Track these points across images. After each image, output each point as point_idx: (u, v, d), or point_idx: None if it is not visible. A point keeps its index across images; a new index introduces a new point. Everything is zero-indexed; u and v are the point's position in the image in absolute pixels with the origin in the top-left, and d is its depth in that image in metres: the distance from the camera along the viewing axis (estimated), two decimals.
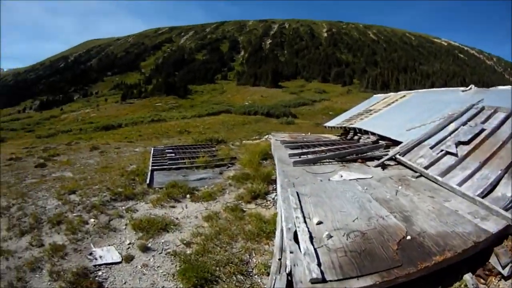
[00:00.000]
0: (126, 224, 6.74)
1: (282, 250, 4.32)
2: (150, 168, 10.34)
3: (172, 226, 6.41)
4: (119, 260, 5.40)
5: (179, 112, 51.24)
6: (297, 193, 5.63)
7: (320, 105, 56.75)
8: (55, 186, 9.93)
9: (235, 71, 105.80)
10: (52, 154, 15.92)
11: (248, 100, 62.64)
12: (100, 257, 5.47)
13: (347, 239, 4.04)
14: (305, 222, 4.46)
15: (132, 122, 35.85)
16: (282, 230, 4.60)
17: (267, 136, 17.57)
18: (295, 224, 4.38)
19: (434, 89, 17.19)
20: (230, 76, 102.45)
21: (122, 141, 20.57)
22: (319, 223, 4.47)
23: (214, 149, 14.03)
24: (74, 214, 7.33)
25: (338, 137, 14.07)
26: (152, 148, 14.40)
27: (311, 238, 4.02)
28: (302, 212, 4.81)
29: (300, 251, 3.74)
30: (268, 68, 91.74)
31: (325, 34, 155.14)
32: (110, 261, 5.35)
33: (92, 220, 6.92)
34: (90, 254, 5.63)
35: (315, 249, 3.76)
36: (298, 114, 46.48)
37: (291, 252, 3.76)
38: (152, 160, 11.63)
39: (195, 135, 22.32)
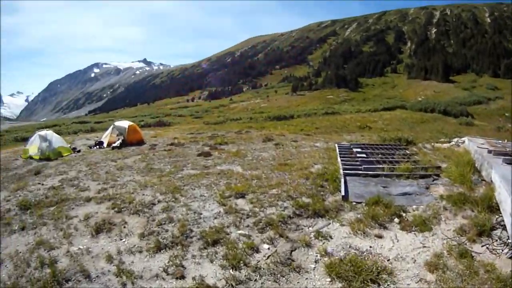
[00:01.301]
0: (316, 261, 5.29)
1: None
2: (341, 172, 9.60)
3: (384, 276, 4.85)
4: None
5: (352, 105, 52.72)
6: None
7: (495, 104, 54.81)
8: (218, 184, 9.53)
9: (404, 64, 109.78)
10: (219, 142, 16.60)
11: (420, 96, 64.70)
12: None
13: None
14: None
15: (305, 114, 37.64)
16: None
17: (456, 139, 15.62)
18: None
19: None
20: (399, 69, 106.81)
21: (298, 133, 20.34)
22: None
23: (407, 152, 13.20)
24: (240, 232, 6.34)
25: None
26: (336, 145, 14.21)
27: None
28: None
29: None
30: (438, 60, 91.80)
31: (488, 20, 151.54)
32: None
33: (266, 246, 5.85)
34: None
35: None
36: (473, 113, 45.36)
37: None
38: (341, 160, 11.14)
39: (377, 131, 21.71)
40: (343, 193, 7.78)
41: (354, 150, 12.70)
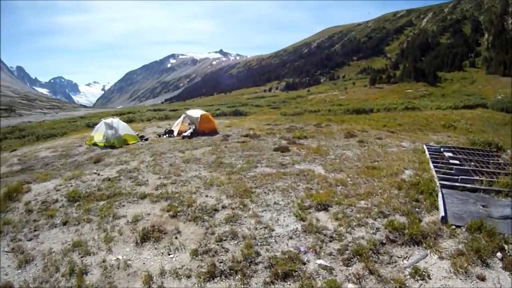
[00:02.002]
0: None
1: None
2: (437, 183, 8.61)
3: None
4: None
5: (431, 101, 50.78)
6: None
7: None
8: (296, 188, 8.53)
9: (482, 57, 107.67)
10: (298, 136, 15.61)
11: (500, 93, 61.24)
12: None
13: None
14: None
15: (385, 108, 36.18)
16: None
17: None
18: None
19: None
20: (478, 63, 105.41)
21: (381, 129, 18.41)
22: None
23: (500, 160, 12.03)
24: (320, 263, 5.15)
25: None
26: (425, 146, 13.38)
27: None
28: None
29: None
30: None
31: None
32: None
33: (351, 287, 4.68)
34: None
35: None
36: None
37: None
38: (433, 166, 10.23)
39: (462, 132, 19.98)
40: (442, 213, 6.91)
41: (446, 154, 12.00)
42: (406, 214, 6.86)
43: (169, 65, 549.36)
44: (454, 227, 6.43)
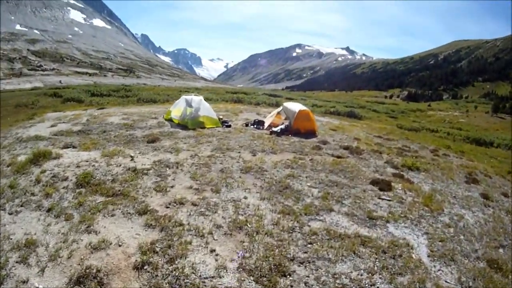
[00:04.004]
0: None
1: None
2: None
3: None
4: None
5: None
6: None
7: None
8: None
9: None
10: (408, 165, 11.67)
11: None
12: None
13: None
14: None
15: (506, 145, 30.14)
16: None
17: None
18: None
19: None
20: None
21: (506, 176, 13.03)
22: None
23: None
24: None
25: None
26: None
27: None
28: None
29: None
30: None
31: None
32: None
33: None
34: None
35: None
36: None
37: None
38: None
39: None
40: None
41: None
42: None
43: (294, 54, 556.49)
44: None
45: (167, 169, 8.49)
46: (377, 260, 5.28)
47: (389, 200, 7.70)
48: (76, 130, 12.65)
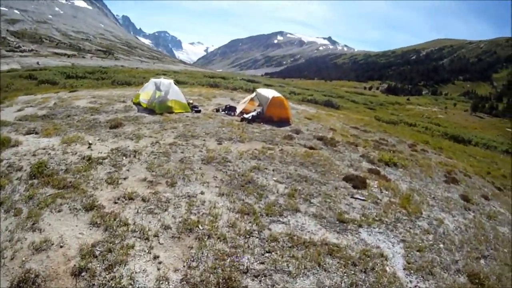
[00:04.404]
0: None
1: None
2: None
3: None
4: None
5: None
6: None
7: None
8: None
9: None
10: (385, 160, 11.09)
11: None
12: None
13: None
14: None
15: (484, 144, 30.84)
16: None
17: None
18: None
19: None
20: None
21: (485, 177, 12.82)
22: None
23: None
24: None
25: None
26: None
27: None
28: None
29: None
30: None
31: None
32: None
33: None
34: None
35: None
36: None
37: None
38: None
39: None
40: None
41: None
42: None
43: (275, 41, 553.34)
44: None
45: (124, 158, 7.75)
46: (346, 274, 4.62)
47: (363, 200, 7.07)
48: (41, 114, 11.97)
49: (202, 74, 50.05)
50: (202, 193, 6.35)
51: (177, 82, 29.75)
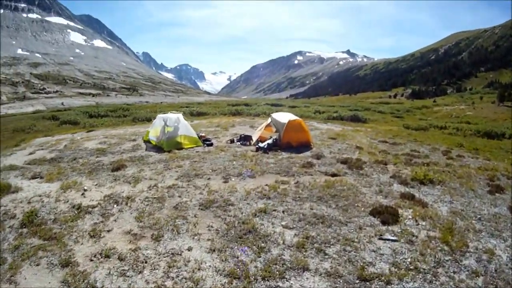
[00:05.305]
0: None
1: None
2: None
3: None
4: None
5: None
6: None
7: None
8: None
9: None
10: (420, 179, 9.69)
11: None
12: None
13: None
14: None
15: None
16: None
17: None
18: None
19: None
20: None
21: None
22: None
23: None
24: None
25: None
26: None
27: None
28: None
29: None
30: None
31: None
32: None
33: None
34: None
35: None
36: None
37: None
38: None
39: None
40: None
41: None
42: None
43: (296, 62, 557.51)
44: None
45: (115, 206, 7.07)
46: None
47: (394, 241, 5.66)
48: (50, 158, 11.76)
49: (226, 103, 50.13)
50: (189, 249, 5.31)
51: (198, 114, 29.51)
